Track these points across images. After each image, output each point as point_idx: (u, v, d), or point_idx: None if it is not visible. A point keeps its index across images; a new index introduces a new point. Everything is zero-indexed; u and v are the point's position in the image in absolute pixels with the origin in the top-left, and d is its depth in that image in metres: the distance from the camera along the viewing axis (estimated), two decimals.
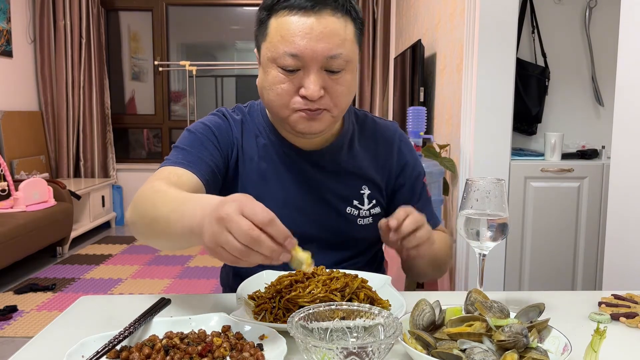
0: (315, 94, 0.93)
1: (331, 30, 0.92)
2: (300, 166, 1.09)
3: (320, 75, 0.94)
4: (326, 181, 1.09)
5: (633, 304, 0.93)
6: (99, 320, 0.87)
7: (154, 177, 0.97)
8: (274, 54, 0.94)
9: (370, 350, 0.63)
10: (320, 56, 0.92)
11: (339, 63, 0.94)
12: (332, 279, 0.88)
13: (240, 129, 1.10)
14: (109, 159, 5.17)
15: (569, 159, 2.76)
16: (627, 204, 1.44)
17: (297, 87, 0.95)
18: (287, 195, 1.08)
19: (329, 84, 0.95)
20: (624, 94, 1.47)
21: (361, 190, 1.11)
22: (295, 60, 0.92)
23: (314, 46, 0.91)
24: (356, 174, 1.11)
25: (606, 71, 2.99)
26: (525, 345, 0.68)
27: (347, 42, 0.95)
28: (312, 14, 0.91)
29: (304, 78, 0.94)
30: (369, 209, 1.12)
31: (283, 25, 0.93)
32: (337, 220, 1.09)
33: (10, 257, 3.34)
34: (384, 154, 1.15)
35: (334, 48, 0.92)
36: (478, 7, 2.51)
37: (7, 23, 4.50)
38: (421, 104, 3.22)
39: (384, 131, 1.17)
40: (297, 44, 0.91)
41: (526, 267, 2.72)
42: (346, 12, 0.95)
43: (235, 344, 0.74)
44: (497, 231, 0.86)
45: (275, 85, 0.95)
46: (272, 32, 0.95)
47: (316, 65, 0.93)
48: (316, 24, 0.91)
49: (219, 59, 5.62)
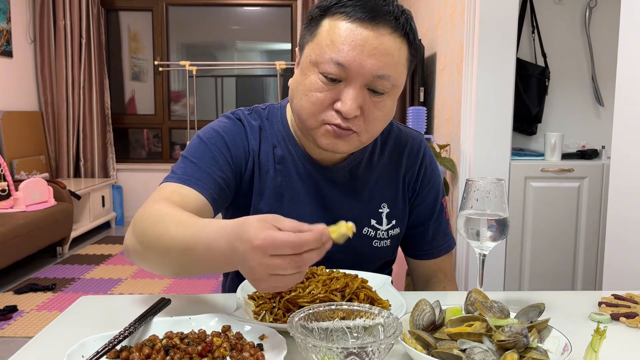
0: (351, 111, 0.86)
1: (386, 49, 0.86)
2: (317, 183, 1.03)
3: (361, 93, 0.87)
4: (343, 199, 1.03)
5: (633, 304, 0.93)
6: (99, 320, 0.87)
7: (155, 197, 0.89)
8: (319, 57, 0.87)
9: (370, 350, 0.63)
10: (368, 73, 0.85)
11: (385, 85, 0.88)
12: (332, 279, 0.88)
13: (258, 136, 1.02)
14: (109, 159, 5.17)
15: (569, 159, 2.76)
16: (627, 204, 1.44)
17: (334, 100, 0.88)
18: (301, 213, 1.01)
19: (368, 105, 0.89)
20: (624, 94, 1.47)
21: (380, 209, 1.05)
22: (340, 69, 0.85)
23: (364, 60, 0.85)
24: (376, 190, 1.05)
25: (606, 71, 2.99)
26: (525, 345, 0.68)
27: (399, 65, 0.89)
28: (369, 26, 0.85)
29: (343, 91, 0.87)
30: (387, 230, 1.06)
31: (336, 29, 0.86)
32: (352, 240, 1.03)
33: (10, 257, 3.34)
34: (408, 166, 1.09)
35: (384, 68, 0.86)
36: (478, 7, 2.51)
37: (7, 23, 4.50)
38: (421, 104, 3.22)
39: (410, 141, 1.10)
40: (346, 53, 0.85)
41: (526, 267, 2.72)
42: (404, 34, 0.88)
43: (235, 344, 0.74)
44: (497, 231, 0.86)
45: (311, 92, 0.88)
46: (322, 34, 0.88)
47: (360, 81, 0.86)
48: (372, 38, 0.85)
49: (219, 59, 5.62)
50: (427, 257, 1.14)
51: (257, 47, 5.71)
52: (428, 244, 1.13)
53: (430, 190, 1.11)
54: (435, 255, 1.14)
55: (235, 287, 0.94)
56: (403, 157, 1.09)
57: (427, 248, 1.13)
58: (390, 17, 0.87)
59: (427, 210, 1.11)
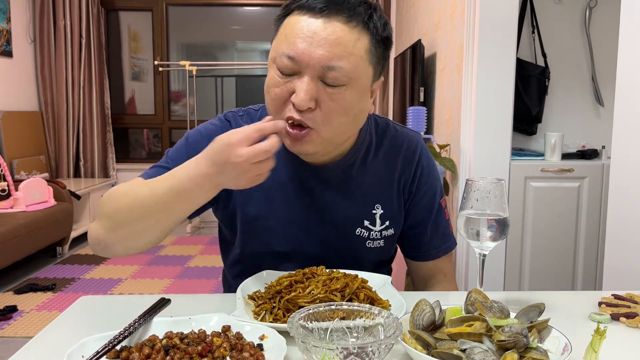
0: (303, 103, 0.83)
1: (336, 39, 0.83)
2: (308, 183, 1.01)
3: (314, 85, 0.84)
4: (335, 200, 1.02)
5: (633, 304, 0.93)
6: (99, 320, 0.87)
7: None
8: (275, 53, 0.87)
9: (370, 350, 0.63)
10: (317, 63, 0.83)
11: (336, 76, 0.84)
12: (332, 279, 0.88)
13: None
14: (109, 159, 5.17)
15: (569, 159, 2.76)
16: (627, 204, 1.44)
17: (290, 93, 0.86)
18: (292, 215, 1.01)
19: (322, 98, 0.85)
20: (624, 94, 1.47)
21: (373, 210, 1.03)
22: (292, 62, 0.84)
23: (313, 51, 0.83)
24: (369, 191, 1.03)
25: (606, 71, 2.99)
26: (525, 345, 0.68)
27: (354, 56, 0.85)
28: (320, 17, 0.84)
29: (296, 83, 0.85)
30: (380, 231, 1.04)
31: (291, 24, 0.86)
32: (345, 241, 1.02)
33: (10, 257, 3.34)
34: (404, 167, 1.06)
35: (334, 59, 0.83)
36: (478, 7, 2.51)
37: (7, 23, 4.50)
38: (421, 104, 3.22)
39: (406, 142, 1.07)
40: (296, 46, 0.84)
41: (526, 267, 2.72)
42: (364, 24, 0.86)
43: (235, 344, 0.74)
44: (497, 231, 0.86)
45: (271, 89, 0.88)
46: (281, 31, 0.88)
47: (310, 73, 0.84)
48: (321, 28, 0.83)
49: (219, 59, 5.62)
50: (426, 259, 1.13)
51: (257, 47, 5.71)
52: (426, 245, 1.11)
53: (427, 191, 1.08)
54: (434, 256, 1.12)
55: (235, 287, 0.94)
56: (399, 158, 1.06)
57: (426, 249, 1.12)
58: (344, 7, 0.85)
59: (424, 211, 1.09)
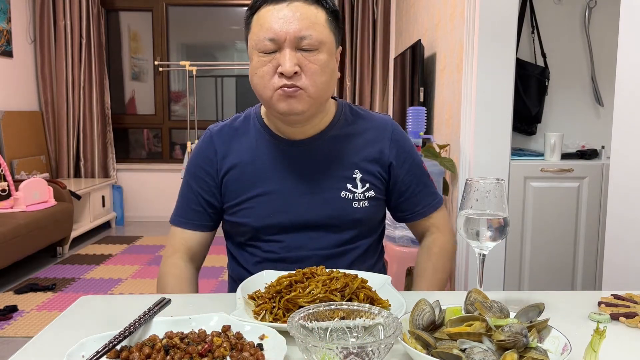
0: (290, 68, 1.02)
1: (301, 14, 1.04)
2: (293, 157, 1.16)
3: (294, 54, 1.04)
4: (319, 168, 1.16)
5: (633, 304, 0.93)
6: (99, 320, 0.87)
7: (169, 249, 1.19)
8: (256, 41, 1.05)
9: (370, 350, 0.63)
10: (293, 36, 1.03)
11: (310, 42, 1.04)
12: (332, 279, 0.88)
13: (229, 139, 1.19)
14: (109, 159, 5.17)
15: (568, 159, 2.76)
16: (627, 204, 1.44)
17: (276, 67, 1.04)
18: (282, 187, 1.15)
19: (303, 63, 1.04)
20: (623, 94, 1.47)
21: (353, 175, 1.17)
22: (273, 43, 1.04)
23: (287, 28, 1.03)
24: (348, 159, 1.17)
25: (606, 71, 2.99)
26: (525, 345, 0.68)
27: (318, 25, 1.05)
28: (285, 4, 1.05)
29: (280, 57, 1.04)
30: (363, 192, 1.17)
31: (262, 17, 1.06)
32: (334, 204, 1.16)
33: (10, 257, 3.34)
34: (376, 143, 1.20)
35: (304, 29, 1.03)
36: (478, 7, 2.51)
37: (7, 23, 4.50)
38: (421, 104, 3.22)
39: (377, 122, 1.23)
40: (273, 29, 1.03)
41: (526, 267, 2.72)
42: (317, 2, 1.07)
43: (235, 344, 0.74)
44: (496, 231, 0.86)
45: (258, 69, 1.06)
46: (254, 25, 1.07)
47: (289, 45, 1.03)
48: (288, 11, 1.04)
49: (219, 59, 5.62)
50: (419, 218, 1.25)
51: None
52: (417, 205, 1.24)
53: (406, 158, 1.22)
54: (426, 213, 1.25)
55: (235, 287, 0.94)
56: (370, 134, 1.20)
57: (418, 209, 1.24)
58: None
59: (409, 176, 1.22)
